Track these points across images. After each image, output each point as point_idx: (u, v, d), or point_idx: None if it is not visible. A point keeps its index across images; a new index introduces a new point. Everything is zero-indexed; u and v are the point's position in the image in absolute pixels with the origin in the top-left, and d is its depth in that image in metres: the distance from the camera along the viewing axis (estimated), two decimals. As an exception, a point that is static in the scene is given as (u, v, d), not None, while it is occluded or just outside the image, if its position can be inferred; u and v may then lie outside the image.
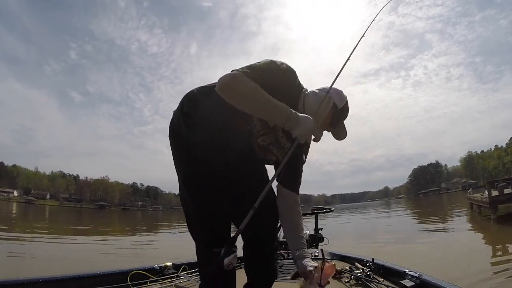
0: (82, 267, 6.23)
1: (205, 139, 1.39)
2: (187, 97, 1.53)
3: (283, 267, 2.85)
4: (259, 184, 1.46)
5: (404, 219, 21.48)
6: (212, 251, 1.34)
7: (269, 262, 1.72)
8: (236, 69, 1.31)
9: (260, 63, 1.38)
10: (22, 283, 1.83)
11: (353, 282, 2.21)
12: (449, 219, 17.76)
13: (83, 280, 2.09)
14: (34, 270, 5.80)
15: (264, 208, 1.49)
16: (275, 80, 1.37)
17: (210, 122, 1.41)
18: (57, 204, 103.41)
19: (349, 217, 29.15)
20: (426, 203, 49.99)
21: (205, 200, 1.44)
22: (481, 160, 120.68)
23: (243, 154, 1.49)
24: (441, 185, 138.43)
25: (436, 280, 1.87)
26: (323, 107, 1.50)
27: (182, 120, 1.45)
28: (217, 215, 1.47)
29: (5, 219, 23.42)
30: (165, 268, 2.57)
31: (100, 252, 9.60)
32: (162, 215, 74.64)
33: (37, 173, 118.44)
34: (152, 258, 8.15)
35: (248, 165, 1.58)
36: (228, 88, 1.28)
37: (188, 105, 1.49)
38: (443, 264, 5.94)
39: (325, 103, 1.50)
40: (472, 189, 26.50)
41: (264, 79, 1.32)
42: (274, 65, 1.40)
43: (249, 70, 1.31)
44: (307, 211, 4.42)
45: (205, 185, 1.43)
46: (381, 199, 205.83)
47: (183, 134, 1.44)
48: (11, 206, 58.15)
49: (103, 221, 31.91)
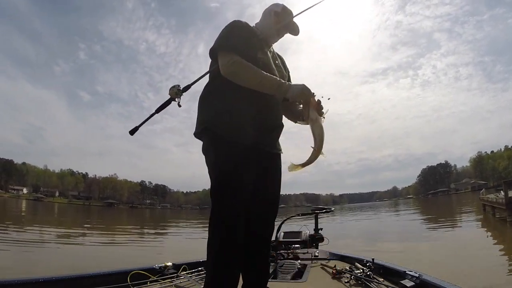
0: (85, 266, 6.27)
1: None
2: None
3: (283, 267, 2.84)
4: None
5: (413, 220, 20.91)
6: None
7: (264, 260, 1.78)
8: (226, 53, 1.62)
9: (230, 32, 1.70)
10: (22, 283, 1.83)
11: (353, 282, 2.19)
12: (461, 221, 17.00)
13: (83, 280, 2.10)
14: (38, 270, 5.84)
15: (265, 200, 1.73)
16: (243, 36, 1.70)
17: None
18: (66, 202, 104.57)
19: (352, 218, 29.01)
20: (436, 203, 49.37)
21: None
22: (491, 161, 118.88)
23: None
24: (450, 185, 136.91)
25: (436, 280, 1.85)
26: (268, 19, 1.87)
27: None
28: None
29: (14, 217, 23.75)
30: (165, 268, 2.56)
31: (105, 251, 9.68)
32: (170, 213, 74.98)
33: (46, 171, 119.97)
34: (156, 258, 8.16)
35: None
36: (233, 75, 1.60)
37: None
38: (458, 271, 5.71)
39: (267, 16, 1.88)
40: (485, 190, 25.49)
41: (241, 43, 1.65)
42: (240, 25, 1.74)
43: (233, 48, 1.62)
44: (307, 211, 4.40)
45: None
46: (390, 199, 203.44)
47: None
48: (21, 203, 58.92)
49: (110, 219, 32.13)
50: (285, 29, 1.90)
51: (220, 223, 1.55)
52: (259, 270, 1.78)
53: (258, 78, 1.56)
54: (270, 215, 1.81)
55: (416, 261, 6.79)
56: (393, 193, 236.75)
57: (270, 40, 1.89)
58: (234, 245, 1.52)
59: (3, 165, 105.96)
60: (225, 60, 1.60)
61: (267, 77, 1.58)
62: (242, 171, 1.59)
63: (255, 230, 1.72)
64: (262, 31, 1.85)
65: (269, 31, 1.84)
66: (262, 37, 1.82)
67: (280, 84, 1.58)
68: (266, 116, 1.73)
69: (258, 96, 1.64)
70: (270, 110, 1.76)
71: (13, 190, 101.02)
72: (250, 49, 1.68)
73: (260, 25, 1.90)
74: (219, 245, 1.52)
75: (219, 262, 1.52)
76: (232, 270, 1.53)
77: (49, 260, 7.32)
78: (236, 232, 1.53)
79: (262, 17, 1.91)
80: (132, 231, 19.13)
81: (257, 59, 1.68)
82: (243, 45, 1.65)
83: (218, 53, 1.65)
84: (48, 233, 13.67)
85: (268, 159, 1.78)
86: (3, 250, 8.24)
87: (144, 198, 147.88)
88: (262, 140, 1.70)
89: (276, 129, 1.83)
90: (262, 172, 1.69)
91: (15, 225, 16.10)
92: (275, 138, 1.84)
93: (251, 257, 1.72)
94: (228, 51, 1.62)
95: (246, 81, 1.59)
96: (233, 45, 1.63)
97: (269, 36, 1.85)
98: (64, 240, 12.11)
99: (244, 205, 1.57)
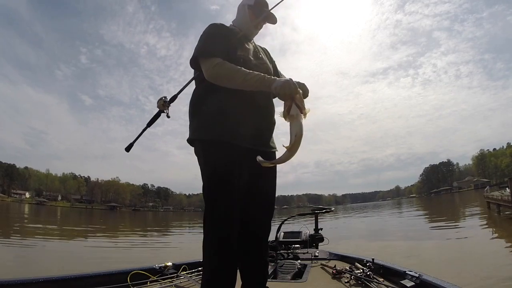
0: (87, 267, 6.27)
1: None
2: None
3: (283, 267, 2.84)
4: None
5: (417, 219, 20.70)
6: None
7: (263, 259, 1.77)
8: (207, 58, 1.62)
9: (207, 38, 1.70)
10: (22, 283, 1.84)
11: (353, 282, 2.19)
12: (465, 219, 16.67)
13: (83, 280, 2.11)
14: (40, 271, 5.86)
15: (260, 200, 1.73)
16: (220, 38, 1.70)
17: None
18: (68, 205, 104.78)
19: (355, 218, 28.93)
20: (439, 202, 49.17)
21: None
22: (493, 158, 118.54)
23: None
24: (453, 184, 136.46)
25: (436, 280, 1.85)
26: (243, 14, 1.88)
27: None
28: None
29: (18, 219, 23.82)
30: (165, 268, 2.57)
31: (107, 253, 9.70)
32: (172, 215, 75.04)
33: (48, 175, 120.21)
34: (160, 258, 8.16)
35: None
36: (216, 78, 1.59)
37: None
38: (464, 271, 5.61)
39: (242, 11, 1.88)
40: (489, 187, 25.05)
41: (219, 46, 1.65)
42: (216, 28, 1.75)
43: (212, 53, 1.62)
44: (307, 211, 4.39)
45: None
46: (393, 198, 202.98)
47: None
48: (23, 207, 59.11)
49: (113, 222, 32.18)
50: (263, 21, 1.90)
51: (213, 224, 1.56)
52: (257, 270, 1.78)
53: (241, 76, 1.54)
54: (266, 215, 1.81)
55: (422, 261, 6.74)
56: (396, 192, 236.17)
57: (249, 34, 1.90)
58: (228, 245, 1.53)
59: (6, 170, 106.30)
60: (207, 65, 1.61)
61: (250, 74, 1.55)
62: (234, 171, 1.59)
63: (252, 230, 1.72)
64: (239, 27, 1.87)
65: (246, 26, 1.85)
66: (241, 34, 1.81)
67: (263, 79, 1.54)
68: (257, 115, 1.73)
69: (247, 95, 1.63)
70: (261, 108, 1.76)
71: (16, 194, 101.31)
72: (229, 49, 1.69)
73: (236, 21, 1.92)
74: (213, 246, 1.54)
75: (214, 262, 1.53)
76: (227, 270, 1.54)
77: (51, 262, 7.34)
78: (229, 233, 1.54)
79: (237, 13, 1.93)
80: (136, 233, 19.17)
81: (238, 57, 1.68)
82: (221, 47, 1.65)
83: (200, 60, 1.66)
84: (51, 235, 13.71)
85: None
86: (8, 252, 8.29)
87: (146, 201, 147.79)
88: (256, 140, 1.70)
89: (269, 127, 1.82)
90: (257, 171, 1.67)
91: (18, 228, 16.16)
92: (269, 136, 1.83)
93: (248, 257, 1.72)
94: (208, 56, 1.62)
95: (230, 81, 1.58)
96: (211, 49, 1.64)
97: (247, 31, 1.85)
98: (66, 242, 12.14)
99: (237, 205, 1.58)
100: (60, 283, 2.00)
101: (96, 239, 13.87)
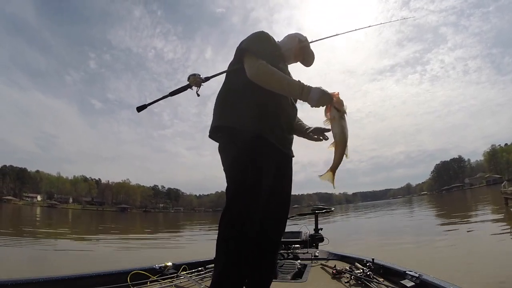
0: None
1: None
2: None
3: (283, 267, 2.84)
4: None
5: (429, 218, 19.65)
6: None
7: (273, 259, 1.84)
8: (254, 56, 1.67)
9: (259, 39, 1.81)
10: (22, 283, 1.86)
11: (353, 282, 2.20)
12: (482, 216, 15.24)
13: (83, 280, 2.12)
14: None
15: (280, 201, 1.79)
16: (269, 46, 1.82)
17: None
18: (79, 208, 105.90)
19: (365, 216, 28.69)
20: (451, 199, 48.01)
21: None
22: (505, 154, 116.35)
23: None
24: (465, 180, 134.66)
25: (436, 280, 1.85)
26: (292, 42, 2.00)
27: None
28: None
29: (30, 222, 24.13)
30: (165, 268, 2.59)
31: (118, 254, 9.76)
32: (183, 216, 75.22)
33: (59, 178, 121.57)
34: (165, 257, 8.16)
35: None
36: (259, 78, 1.62)
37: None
38: (485, 274, 5.02)
39: (292, 40, 2.01)
40: (507, 182, 23.63)
41: (267, 51, 1.74)
42: (268, 36, 1.85)
43: (260, 54, 1.67)
44: (307, 211, 4.37)
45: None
46: (404, 196, 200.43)
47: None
48: (35, 210, 59.90)
49: (123, 224, 32.39)
50: (301, 55, 2.05)
51: (236, 221, 1.53)
52: (266, 269, 1.80)
53: (284, 81, 1.60)
54: (283, 215, 1.83)
55: (434, 261, 6.46)
56: (407, 190, 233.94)
57: (287, 60, 2.00)
58: (248, 244, 1.53)
59: (17, 173, 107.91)
60: (251, 62, 1.65)
61: (291, 80, 1.61)
62: (268, 169, 1.62)
63: (267, 229, 1.73)
64: (283, 48, 1.97)
65: (289, 52, 1.98)
66: (283, 52, 1.95)
67: (302, 87, 1.58)
68: (287, 117, 1.80)
69: (279, 97, 1.71)
70: (290, 111, 1.84)
71: (28, 197, 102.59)
72: (273, 58, 1.75)
73: (282, 43, 2.01)
74: (233, 243, 1.52)
75: (231, 260, 1.51)
76: (242, 268, 1.54)
77: (63, 263, 7.40)
78: (252, 231, 1.54)
79: (286, 38, 2.05)
80: (146, 234, 19.29)
81: (279, 69, 1.69)
82: (268, 54, 1.72)
83: (245, 54, 1.70)
84: (63, 237, 13.86)
85: (285, 160, 1.82)
86: (20, 252, 8.40)
87: (157, 202, 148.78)
88: (283, 140, 1.75)
89: (292, 131, 1.90)
90: (281, 172, 1.73)
91: (31, 230, 16.37)
92: (291, 140, 1.89)
93: (260, 256, 1.73)
94: (256, 55, 1.67)
95: (272, 84, 1.62)
96: (260, 50, 1.70)
97: (287, 55, 1.98)
98: (78, 243, 12.26)
99: (261, 205, 1.58)
100: (60, 283, 2.02)
101: (107, 241, 13.95)
